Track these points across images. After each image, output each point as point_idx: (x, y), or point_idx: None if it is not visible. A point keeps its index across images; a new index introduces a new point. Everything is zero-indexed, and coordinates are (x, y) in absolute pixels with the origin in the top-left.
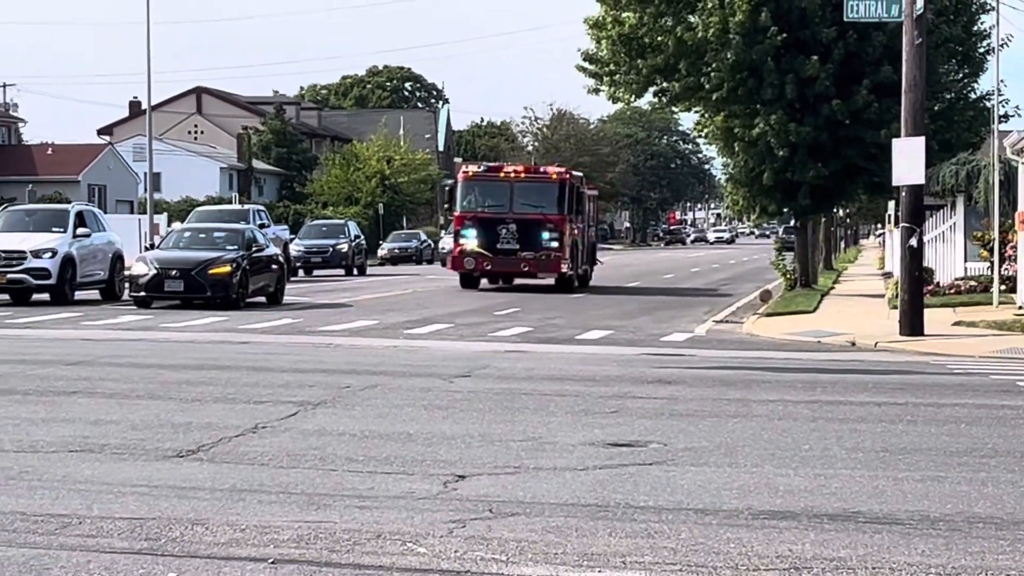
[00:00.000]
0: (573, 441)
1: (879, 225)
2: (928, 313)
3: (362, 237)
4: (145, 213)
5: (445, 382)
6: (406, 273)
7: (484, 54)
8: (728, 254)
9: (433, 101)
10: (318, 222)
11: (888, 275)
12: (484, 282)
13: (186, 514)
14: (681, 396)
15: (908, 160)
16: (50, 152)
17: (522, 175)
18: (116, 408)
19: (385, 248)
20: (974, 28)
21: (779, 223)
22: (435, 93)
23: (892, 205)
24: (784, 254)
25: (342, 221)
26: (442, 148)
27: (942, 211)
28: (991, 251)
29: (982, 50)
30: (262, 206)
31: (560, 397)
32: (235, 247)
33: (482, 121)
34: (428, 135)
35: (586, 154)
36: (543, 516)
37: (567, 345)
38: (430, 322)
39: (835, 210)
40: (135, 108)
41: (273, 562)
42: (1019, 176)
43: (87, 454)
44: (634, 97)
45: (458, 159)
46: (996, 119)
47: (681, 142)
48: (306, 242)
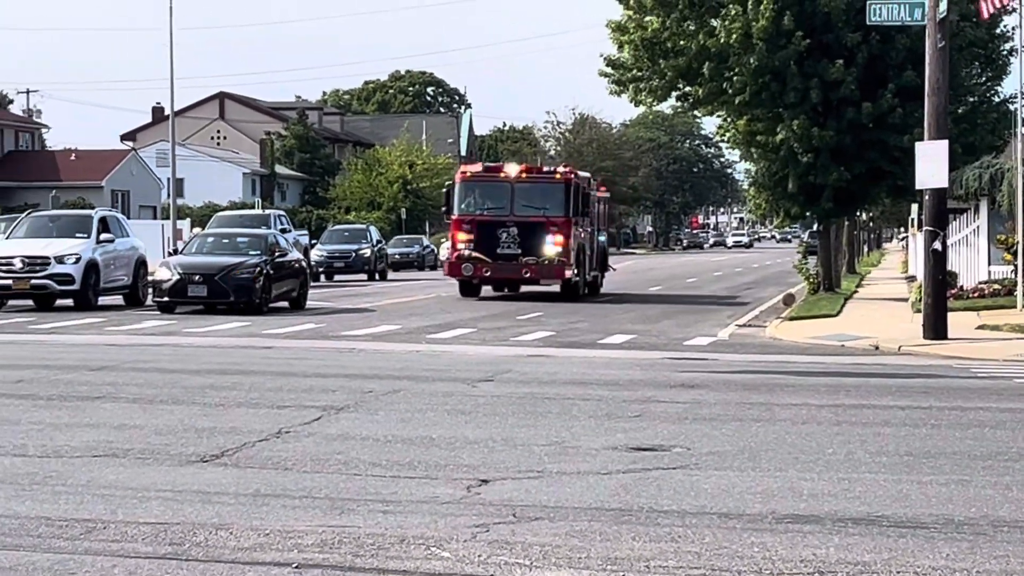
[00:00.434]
0: (596, 445)
1: (902, 229)
2: (951, 317)
3: (384, 242)
4: (168, 218)
5: (468, 386)
6: (427, 278)
7: (506, 59)
8: (751, 258)
9: (456, 106)
10: (340, 227)
11: (911, 279)
12: (489, 289)
13: (210, 519)
14: (704, 400)
15: (931, 164)
16: (73, 158)
17: (523, 175)
18: (140, 413)
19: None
20: (996, 30)
21: (802, 227)
22: (457, 98)
23: (915, 209)
24: (808, 258)
25: (363, 226)
26: (464, 153)
27: (965, 215)
28: (1015, 254)
29: (1005, 52)
30: (282, 211)
31: (583, 401)
32: (258, 252)
33: (504, 126)
34: (451, 140)
35: (609, 158)
36: (567, 520)
37: (590, 349)
38: (453, 327)
39: (858, 214)
40: (158, 114)
41: (297, 567)
42: None
43: (111, 459)
44: (657, 101)
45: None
46: (1020, 122)
47: (704, 146)
48: (328, 247)
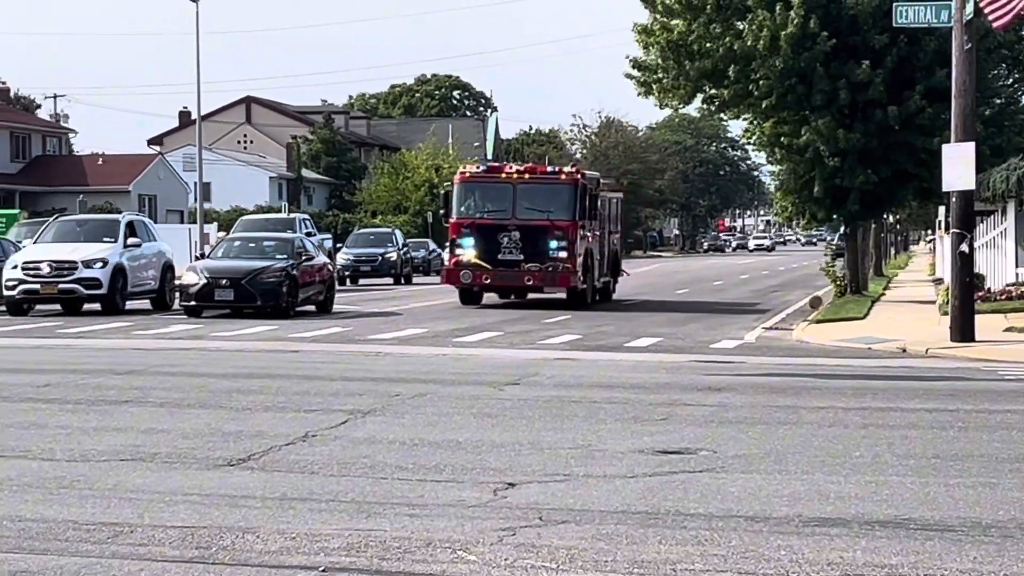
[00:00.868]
0: (623, 448)
1: (929, 231)
2: (979, 319)
3: (409, 246)
4: (195, 222)
5: (494, 390)
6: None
7: (532, 62)
8: (776, 261)
9: (482, 109)
10: (365, 230)
11: (939, 281)
12: (495, 297)
13: (237, 522)
14: (731, 403)
15: (958, 166)
16: (101, 162)
17: (526, 176)
18: (167, 417)
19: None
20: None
21: (829, 230)
22: (483, 101)
23: (942, 211)
24: (835, 260)
25: (389, 229)
26: (491, 156)
27: (993, 217)
28: None
29: None
30: (307, 214)
31: (609, 404)
32: (285, 256)
33: (530, 129)
34: (477, 143)
35: (635, 161)
36: (593, 523)
37: (616, 352)
38: (479, 330)
39: (885, 216)
40: (185, 118)
41: (324, 570)
42: None
43: (138, 463)
44: (682, 103)
45: None
46: None
47: (730, 149)
48: (355, 251)
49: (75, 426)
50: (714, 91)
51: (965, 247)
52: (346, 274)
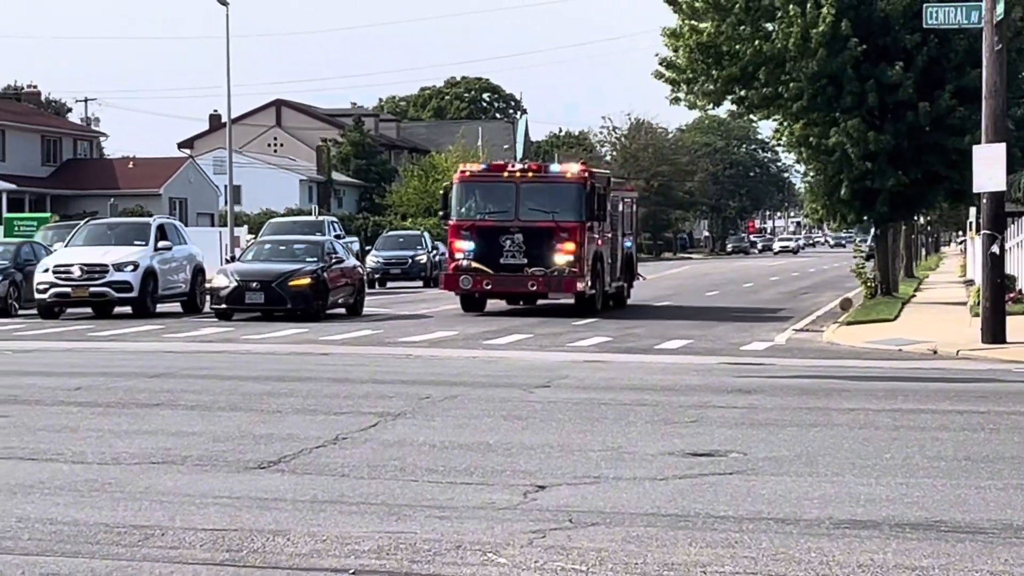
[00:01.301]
0: (653, 451)
1: (960, 232)
2: (1010, 321)
3: (440, 247)
4: (225, 226)
5: (524, 392)
6: None
7: (562, 64)
8: (806, 263)
9: (511, 111)
10: (395, 233)
11: (969, 283)
12: (502, 303)
13: (267, 525)
14: (761, 405)
15: (989, 167)
16: (131, 166)
17: (530, 175)
18: (198, 420)
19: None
20: None
21: (859, 231)
22: (513, 103)
23: (973, 212)
24: (865, 262)
25: (418, 232)
26: (520, 158)
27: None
28: None
29: None
30: (334, 217)
31: (639, 407)
32: (315, 259)
33: (560, 131)
34: (506, 146)
35: (665, 163)
36: (623, 526)
37: (646, 355)
38: (509, 332)
39: (916, 218)
40: (215, 121)
41: (354, 573)
42: None
43: (169, 466)
44: (712, 105)
45: None
46: None
47: (760, 150)
48: (384, 253)
49: (106, 429)
50: (743, 92)
51: (996, 248)
52: (375, 277)
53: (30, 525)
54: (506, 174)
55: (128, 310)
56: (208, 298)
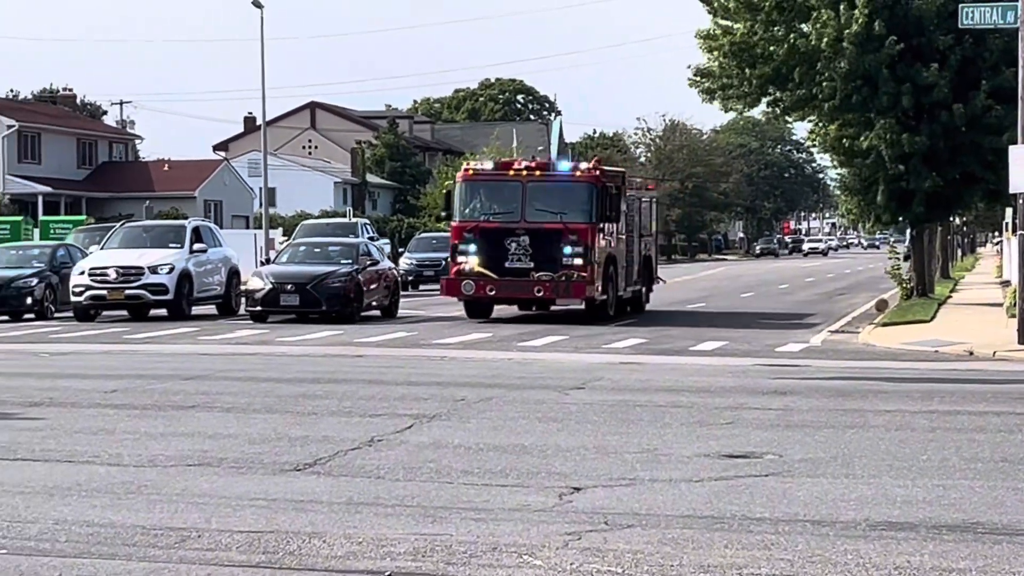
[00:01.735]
0: (688, 452)
1: (996, 233)
2: None
3: None
4: (260, 228)
5: (559, 394)
6: None
7: (597, 65)
8: (840, 264)
9: (545, 113)
10: (428, 235)
11: (1006, 283)
12: (513, 309)
13: (303, 527)
14: (797, 407)
15: None
16: (167, 168)
17: (537, 173)
18: (233, 422)
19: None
20: None
21: (895, 232)
22: (547, 105)
23: (1009, 213)
24: (902, 263)
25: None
26: (556, 159)
27: None
28: None
29: None
30: (367, 219)
31: (675, 408)
32: (349, 261)
33: (594, 132)
34: (541, 147)
35: (699, 164)
36: (659, 528)
37: (681, 356)
38: (544, 334)
39: (952, 218)
40: (250, 124)
41: (390, 575)
42: None
43: (205, 468)
44: (747, 107)
45: None
46: None
47: (795, 151)
48: (418, 255)
49: (143, 431)
50: (778, 94)
51: None
52: (408, 279)
53: (67, 527)
54: (512, 172)
55: (164, 312)
56: (243, 300)
